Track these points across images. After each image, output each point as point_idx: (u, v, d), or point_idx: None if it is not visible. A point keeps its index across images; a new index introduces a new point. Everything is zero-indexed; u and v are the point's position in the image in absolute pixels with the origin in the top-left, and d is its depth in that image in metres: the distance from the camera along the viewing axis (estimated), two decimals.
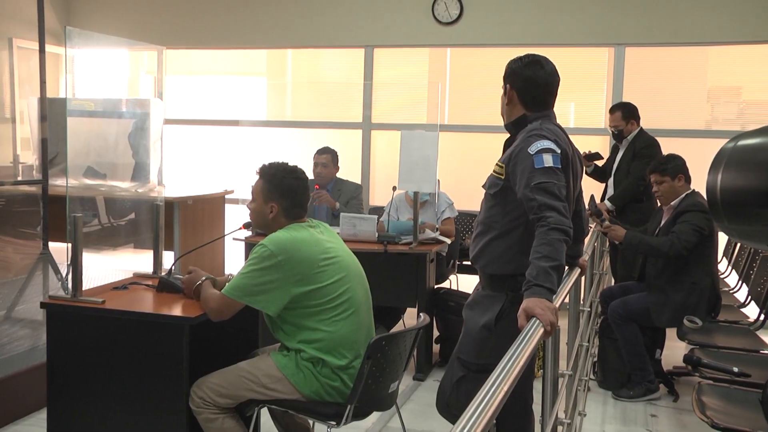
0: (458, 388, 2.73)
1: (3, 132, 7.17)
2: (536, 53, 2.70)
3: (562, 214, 2.35)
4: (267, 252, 2.68)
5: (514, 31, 6.56)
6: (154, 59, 7.74)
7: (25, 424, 3.80)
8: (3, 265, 4.90)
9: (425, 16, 6.75)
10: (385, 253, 4.60)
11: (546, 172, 2.42)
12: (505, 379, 1.53)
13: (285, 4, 7.15)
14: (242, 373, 2.77)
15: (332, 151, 5.42)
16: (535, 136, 2.51)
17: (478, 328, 2.66)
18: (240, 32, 7.29)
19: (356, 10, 6.95)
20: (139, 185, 5.84)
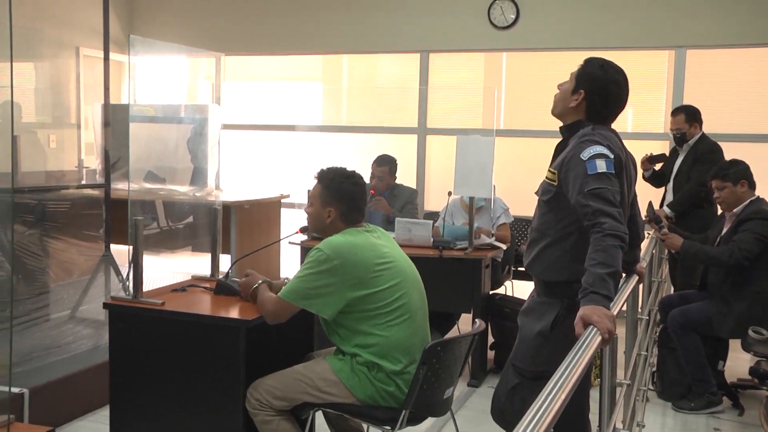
0: (513, 396, 2.71)
1: (68, 137, 7.37)
2: (619, 66, 2.62)
3: (617, 219, 2.31)
4: (323, 256, 2.70)
5: (572, 34, 6.48)
6: (212, 65, 7.88)
7: (89, 420, 3.91)
8: (67, 267, 5.03)
9: (481, 21, 6.72)
10: (440, 259, 4.59)
11: (599, 177, 2.38)
12: (563, 387, 1.51)
13: (341, 10, 7.20)
14: (298, 376, 2.79)
15: (391, 161, 5.41)
16: (587, 142, 2.47)
17: (534, 334, 2.64)
18: (296, 38, 7.37)
19: (412, 15, 6.96)
20: (197, 189, 5.95)
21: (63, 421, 3.83)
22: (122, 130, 5.37)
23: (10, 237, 4.35)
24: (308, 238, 4.74)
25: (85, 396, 3.98)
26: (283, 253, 6.16)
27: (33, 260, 4.73)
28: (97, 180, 5.92)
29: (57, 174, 6.70)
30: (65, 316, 4.90)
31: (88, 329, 4.74)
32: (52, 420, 3.45)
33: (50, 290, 4.88)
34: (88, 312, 4.98)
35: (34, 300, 4.64)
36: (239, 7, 7.56)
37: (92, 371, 4.04)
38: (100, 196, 5.22)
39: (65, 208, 4.99)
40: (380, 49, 7.19)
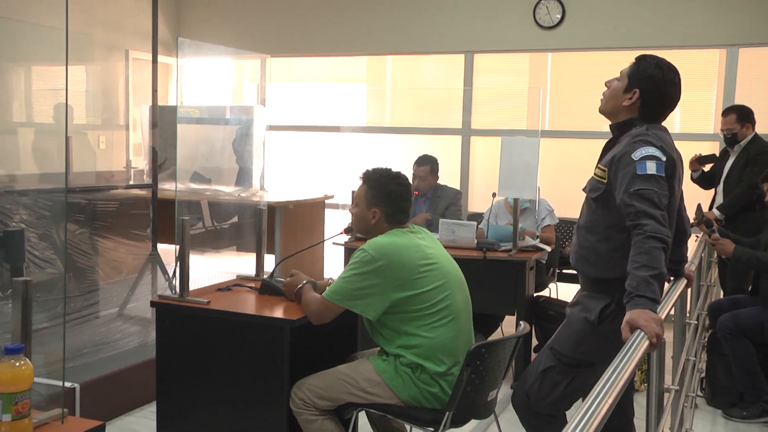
0: (544, 377, 2.70)
1: (117, 138, 7.52)
2: (674, 65, 2.58)
3: (659, 222, 2.28)
4: (368, 257, 2.70)
5: (619, 33, 6.38)
6: (258, 67, 7.97)
7: (136, 416, 3.98)
8: (116, 265, 5.14)
9: (526, 21, 6.66)
10: (484, 260, 4.56)
11: (648, 179, 2.35)
12: (610, 391, 1.48)
13: (385, 11, 7.21)
14: (341, 376, 2.80)
15: (432, 161, 5.39)
16: (640, 142, 2.44)
17: (581, 319, 2.61)
18: (340, 39, 7.40)
19: (456, 15, 6.94)
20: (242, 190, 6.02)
21: (111, 415, 3.90)
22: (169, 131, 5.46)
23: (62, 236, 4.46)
24: (352, 239, 4.76)
25: (133, 392, 4.05)
26: (327, 254, 6.19)
27: (83, 259, 4.84)
28: (144, 180, 6.03)
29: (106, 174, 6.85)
30: (113, 314, 5.01)
31: (135, 326, 4.83)
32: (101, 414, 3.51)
33: (99, 288, 4.98)
34: (135, 310, 5.07)
35: (84, 297, 4.75)
36: (285, 9, 7.63)
37: (139, 368, 4.11)
38: (148, 196, 5.32)
39: (114, 208, 5.09)
40: (424, 50, 7.19)
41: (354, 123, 7.53)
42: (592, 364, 2.59)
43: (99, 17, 6.93)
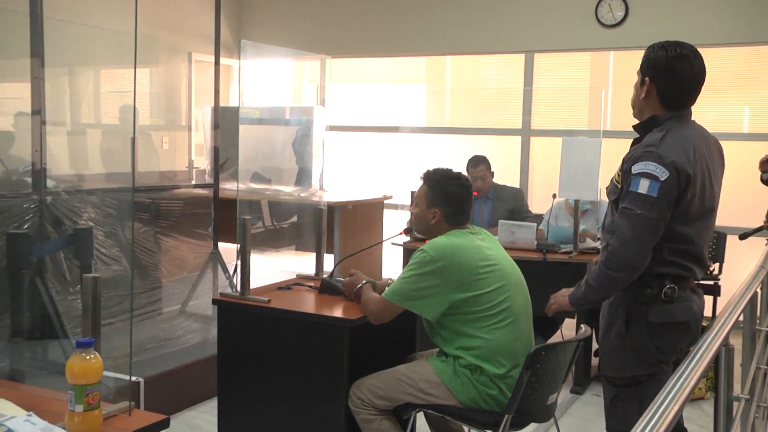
0: (614, 410, 2.63)
1: (180, 139, 7.68)
2: (683, 42, 2.49)
3: (628, 248, 2.40)
4: (428, 257, 2.70)
5: (684, 31, 6.22)
6: (317, 68, 8.04)
7: (197, 411, 4.05)
8: (179, 263, 5.23)
9: (587, 19, 6.56)
10: (543, 262, 4.51)
11: (635, 198, 2.37)
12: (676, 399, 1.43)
13: (444, 12, 7.19)
14: (400, 377, 2.80)
15: (484, 159, 5.36)
16: (647, 154, 2.39)
17: (612, 338, 2.58)
18: (400, 40, 7.41)
19: (516, 15, 6.88)
20: (302, 190, 6.08)
21: (173, 410, 3.98)
22: (230, 131, 5.55)
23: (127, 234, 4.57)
24: (411, 240, 4.76)
25: (194, 387, 4.12)
26: (386, 254, 6.21)
27: (147, 256, 4.95)
28: (206, 180, 6.13)
29: (169, 174, 6.99)
30: (176, 311, 5.11)
31: (197, 323, 4.92)
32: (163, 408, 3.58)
33: (162, 285, 5.09)
34: (197, 307, 5.16)
35: (148, 294, 4.85)
36: (345, 10, 7.67)
37: (201, 364, 4.19)
38: (209, 195, 5.41)
39: (177, 207, 5.19)
40: (484, 50, 7.14)
41: (413, 123, 7.53)
42: (651, 375, 2.53)
43: (164, 21, 7.08)
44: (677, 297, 2.47)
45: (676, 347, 2.54)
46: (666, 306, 2.47)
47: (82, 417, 1.63)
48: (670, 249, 2.45)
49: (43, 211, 4.01)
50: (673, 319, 2.48)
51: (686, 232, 2.45)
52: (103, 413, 1.70)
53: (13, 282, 3.77)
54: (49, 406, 1.77)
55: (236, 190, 4.40)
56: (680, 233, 2.44)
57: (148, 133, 6.88)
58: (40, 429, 1.58)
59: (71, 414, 1.63)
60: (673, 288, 2.45)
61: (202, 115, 6.95)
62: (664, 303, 2.46)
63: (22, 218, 3.94)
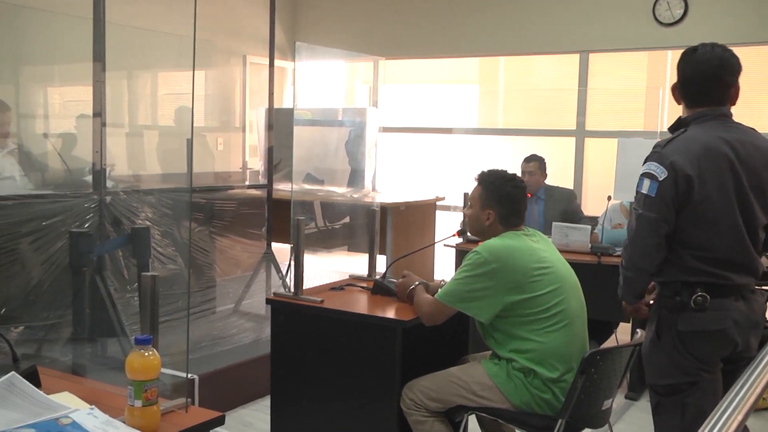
0: (658, 419, 2.63)
1: (234, 140, 7.79)
2: (711, 42, 2.54)
3: (632, 248, 2.53)
4: (481, 259, 2.68)
5: (747, 28, 6.06)
6: (370, 69, 8.07)
7: (250, 409, 4.10)
8: (233, 263, 5.31)
9: (645, 18, 6.44)
10: (598, 265, 4.44)
11: (638, 198, 2.49)
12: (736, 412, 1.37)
13: (498, 12, 7.14)
14: (453, 379, 2.79)
15: (539, 158, 5.31)
16: (652, 154, 2.48)
17: (647, 345, 2.60)
18: (453, 41, 7.38)
19: (571, 14, 6.79)
20: (354, 191, 6.11)
21: (227, 408, 4.03)
22: (284, 133, 5.61)
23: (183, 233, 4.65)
24: (464, 241, 4.73)
25: (247, 385, 4.17)
26: (438, 255, 6.19)
27: (202, 256, 5.03)
28: (260, 181, 6.21)
29: (224, 175, 7.10)
30: (229, 310, 5.18)
31: (250, 322, 4.98)
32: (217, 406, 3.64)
33: (216, 284, 5.17)
34: (250, 306, 5.23)
35: (202, 293, 4.93)
36: (397, 12, 7.68)
37: (254, 362, 4.23)
38: (263, 196, 5.47)
39: (231, 208, 5.26)
40: (538, 50, 7.07)
41: (466, 124, 7.50)
42: (691, 384, 2.51)
43: (220, 24, 7.20)
44: (710, 305, 2.44)
45: (715, 355, 2.51)
46: (696, 314, 2.46)
47: (141, 412, 1.66)
48: (693, 256, 2.46)
49: (103, 210, 4.11)
50: (703, 328, 2.46)
51: (704, 238, 2.45)
52: (161, 409, 1.73)
53: (74, 280, 3.88)
54: (109, 401, 1.81)
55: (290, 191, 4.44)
56: (698, 239, 2.45)
57: (203, 134, 7.00)
58: (102, 422, 1.62)
59: (131, 409, 1.67)
60: (704, 296, 2.44)
61: (256, 117, 7.04)
62: (694, 311, 2.45)
63: (83, 217, 4.04)
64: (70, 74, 5.58)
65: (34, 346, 3.84)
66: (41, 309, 3.98)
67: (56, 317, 3.99)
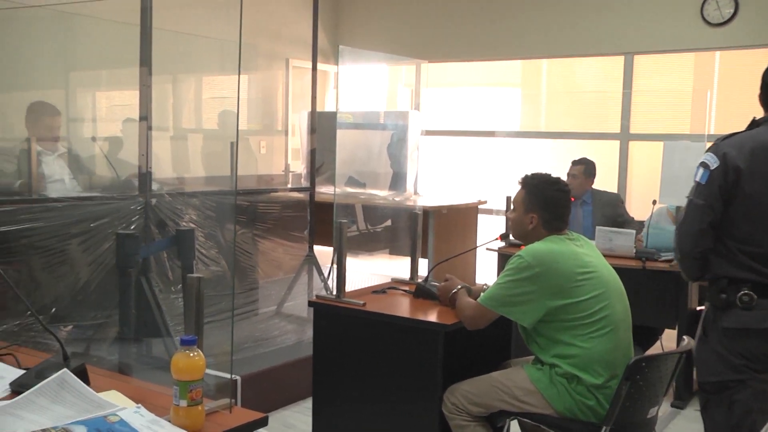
0: (706, 416, 2.65)
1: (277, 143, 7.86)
2: None
3: (679, 232, 2.60)
4: (524, 263, 2.66)
5: None
6: (412, 72, 8.07)
7: (292, 411, 4.13)
8: (275, 265, 5.35)
9: (692, 18, 6.32)
10: (643, 270, 4.37)
11: (693, 186, 2.56)
12: None
13: (541, 14, 7.08)
14: (495, 383, 2.77)
15: (587, 162, 5.26)
16: (711, 146, 2.57)
17: (696, 343, 2.64)
18: (495, 44, 7.35)
19: (616, 16, 6.69)
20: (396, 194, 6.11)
21: (268, 409, 4.06)
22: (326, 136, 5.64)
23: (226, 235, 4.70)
24: (506, 245, 4.70)
25: (289, 387, 4.20)
26: (480, 259, 6.16)
27: (245, 258, 5.08)
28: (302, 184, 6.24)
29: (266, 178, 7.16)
30: (272, 311, 5.22)
31: (292, 325, 5.02)
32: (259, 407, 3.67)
33: (259, 286, 5.21)
34: (292, 308, 5.26)
35: (245, 295, 4.98)
36: (440, 15, 7.67)
37: (296, 364, 4.26)
38: (305, 199, 5.51)
39: (274, 210, 5.31)
40: (581, 52, 6.99)
41: (508, 128, 7.45)
42: (739, 381, 2.52)
43: (262, 28, 7.27)
44: (756, 304, 2.47)
45: (762, 354, 2.51)
46: (742, 312, 2.49)
47: (186, 412, 1.68)
48: (741, 250, 2.49)
49: (148, 212, 4.17)
50: (747, 326, 2.49)
51: (752, 232, 2.48)
52: (205, 409, 1.75)
53: (121, 280, 3.95)
54: (154, 400, 1.84)
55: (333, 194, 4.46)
56: (745, 232, 2.49)
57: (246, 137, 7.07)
58: (148, 421, 1.64)
59: (176, 408, 1.69)
60: (749, 295, 2.47)
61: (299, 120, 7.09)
62: (740, 309, 2.49)
63: (129, 219, 4.11)
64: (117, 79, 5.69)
65: (83, 345, 3.91)
66: (89, 309, 4.06)
67: (103, 317, 4.07)
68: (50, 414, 1.65)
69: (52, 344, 2.70)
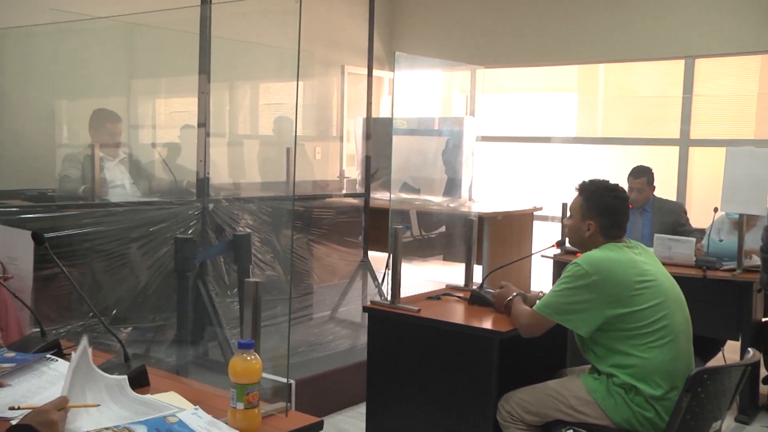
0: None
1: (332, 149, 7.91)
2: None
3: None
4: (581, 271, 2.62)
5: None
6: (467, 78, 8.04)
7: (345, 416, 4.14)
8: (330, 270, 5.38)
9: (758, 19, 6.13)
10: (703, 279, 4.27)
11: None
12: None
13: (597, 19, 6.98)
14: (550, 392, 2.73)
15: (648, 172, 5.14)
16: None
17: None
18: (551, 49, 7.27)
19: (676, 18, 6.55)
20: (451, 200, 6.09)
21: (322, 413, 4.05)
22: (381, 142, 5.65)
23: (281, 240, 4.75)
24: (562, 252, 4.64)
25: (343, 392, 4.21)
26: (534, 266, 6.10)
27: (300, 263, 5.12)
28: (357, 189, 6.27)
29: (321, 183, 7.21)
30: (326, 317, 5.24)
31: (346, 330, 5.03)
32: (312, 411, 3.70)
33: (314, 291, 5.25)
34: (346, 313, 5.28)
35: (300, 299, 5.02)
36: (495, 20, 7.63)
37: (349, 369, 4.27)
38: (360, 204, 5.53)
39: (328, 216, 5.34)
40: (640, 56, 6.86)
41: (564, 133, 7.37)
42: None
43: (318, 35, 7.34)
44: None
45: None
46: None
47: (243, 414, 1.70)
48: None
49: (206, 217, 4.24)
50: None
51: None
52: (261, 412, 1.76)
53: (179, 284, 4.02)
54: (211, 402, 1.86)
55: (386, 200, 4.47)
56: None
57: (302, 143, 7.13)
58: (206, 423, 1.67)
59: (233, 411, 1.71)
60: None
61: (354, 126, 7.13)
62: None
63: (188, 224, 4.19)
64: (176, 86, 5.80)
65: (142, 346, 4.00)
66: (148, 311, 4.14)
67: (161, 319, 4.15)
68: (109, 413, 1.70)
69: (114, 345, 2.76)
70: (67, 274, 2.14)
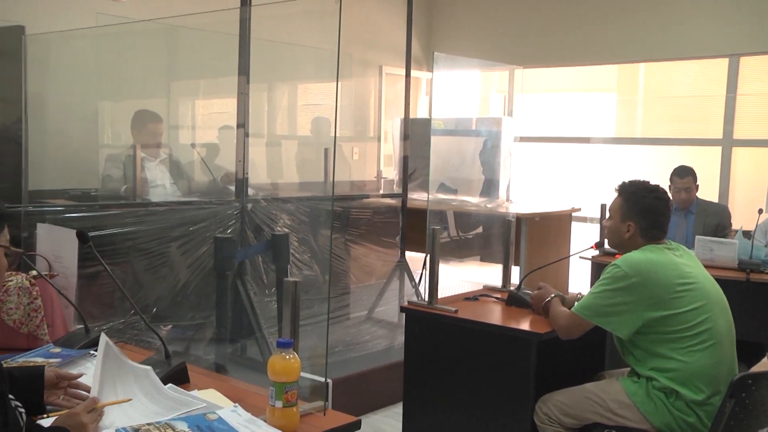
0: None
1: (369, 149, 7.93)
2: None
3: None
4: (621, 273, 2.60)
5: None
6: (505, 78, 7.99)
7: (381, 415, 4.15)
8: (367, 270, 5.39)
9: None
10: (747, 282, 4.19)
11: None
12: None
13: (637, 17, 6.89)
14: (589, 395, 2.71)
15: (692, 171, 5.07)
16: None
17: None
18: (590, 48, 7.20)
19: (718, 16, 6.43)
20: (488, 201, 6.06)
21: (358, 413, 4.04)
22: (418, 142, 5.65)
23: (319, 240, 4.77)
24: (600, 254, 4.59)
25: (379, 392, 4.22)
26: (573, 268, 6.04)
27: (338, 263, 5.14)
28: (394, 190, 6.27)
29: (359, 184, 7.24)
30: (363, 316, 5.26)
31: (382, 330, 5.04)
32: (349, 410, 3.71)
33: (351, 291, 5.26)
34: (383, 314, 5.29)
35: (337, 299, 5.05)
36: (533, 20, 7.57)
37: (386, 369, 4.28)
38: (397, 205, 5.53)
39: (366, 216, 5.35)
40: (683, 55, 6.75)
41: (603, 134, 7.28)
42: None
43: (357, 36, 7.36)
44: None
45: None
46: None
47: (282, 413, 1.72)
48: None
49: (245, 217, 4.28)
50: None
51: None
52: (300, 411, 1.78)
53: (218, 283, 4.07)
54: (250, 400, 1.88)
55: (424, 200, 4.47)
56: None
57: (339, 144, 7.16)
58: (245, 420, 1.69)
59: (272, 409, 1.73)
60: None
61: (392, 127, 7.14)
62: None
63: (227, 224, 4.23)
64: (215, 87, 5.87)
65: (182, 344, 4.05)
66: (187, 309, 4.20)
67: (201, 318, 4.20)
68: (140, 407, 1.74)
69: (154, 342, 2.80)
70: (110, 272, 2.18)
